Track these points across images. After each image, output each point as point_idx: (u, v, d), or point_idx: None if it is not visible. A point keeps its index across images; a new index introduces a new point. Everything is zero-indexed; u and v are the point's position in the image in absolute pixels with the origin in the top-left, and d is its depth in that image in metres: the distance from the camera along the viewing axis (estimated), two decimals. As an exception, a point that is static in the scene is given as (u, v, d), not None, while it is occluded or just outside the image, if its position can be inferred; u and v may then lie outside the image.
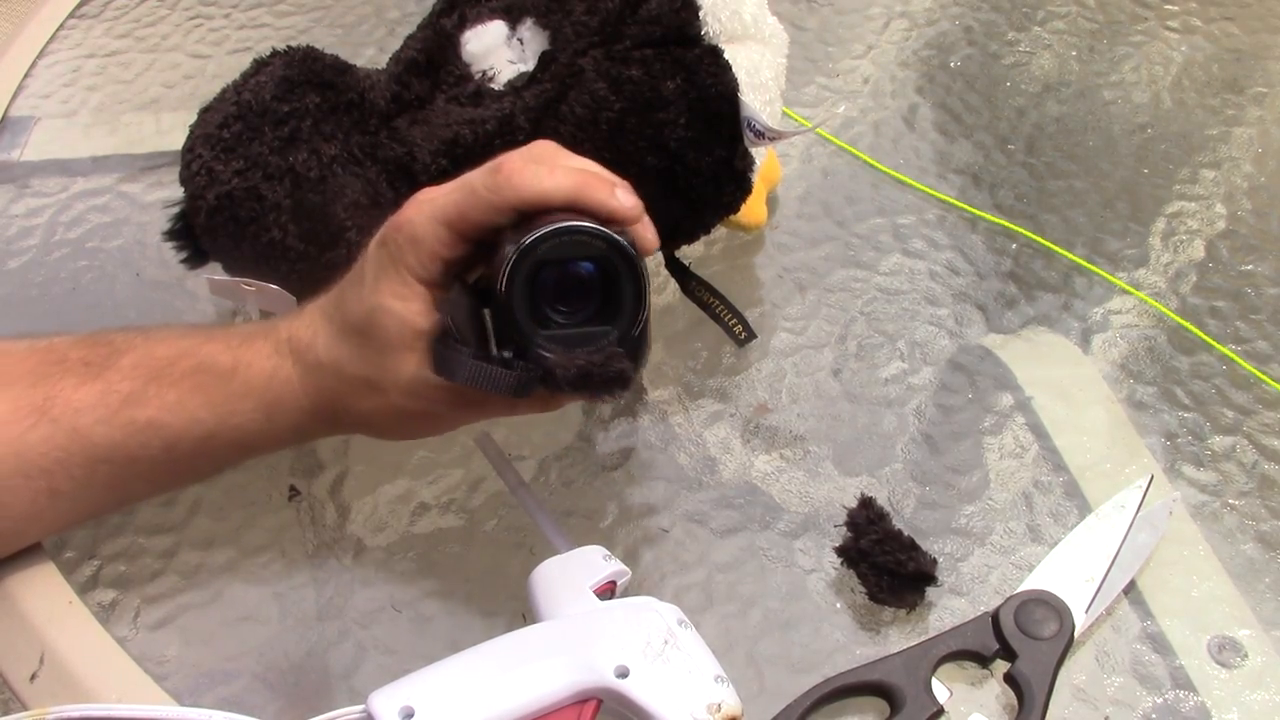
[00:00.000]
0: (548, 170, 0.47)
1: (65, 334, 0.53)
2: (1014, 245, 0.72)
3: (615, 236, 0.46)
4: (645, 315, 0.47)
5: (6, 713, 0.51)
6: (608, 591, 0.51)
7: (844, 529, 0.57)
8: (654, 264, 0.68)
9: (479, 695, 0.45)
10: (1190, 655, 0.54)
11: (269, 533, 0.59)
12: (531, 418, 0.55)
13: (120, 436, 0.50)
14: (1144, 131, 0.80)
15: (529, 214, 0.48)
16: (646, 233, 0.49)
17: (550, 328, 0.47)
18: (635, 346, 0.48)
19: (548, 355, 0.46)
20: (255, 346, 0.52)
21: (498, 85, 0.61)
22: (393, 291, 0.49)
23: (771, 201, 0.73)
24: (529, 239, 0.45)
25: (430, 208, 0.48)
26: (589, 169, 0.49)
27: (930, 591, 0.55)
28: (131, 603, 0.56)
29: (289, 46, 0.64)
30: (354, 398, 0.51)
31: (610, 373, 0.46)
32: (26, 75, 0.85)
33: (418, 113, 0.61)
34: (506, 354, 0.47)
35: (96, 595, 0.56)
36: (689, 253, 0.68)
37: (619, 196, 0.48)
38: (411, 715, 0.44)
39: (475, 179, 0.48)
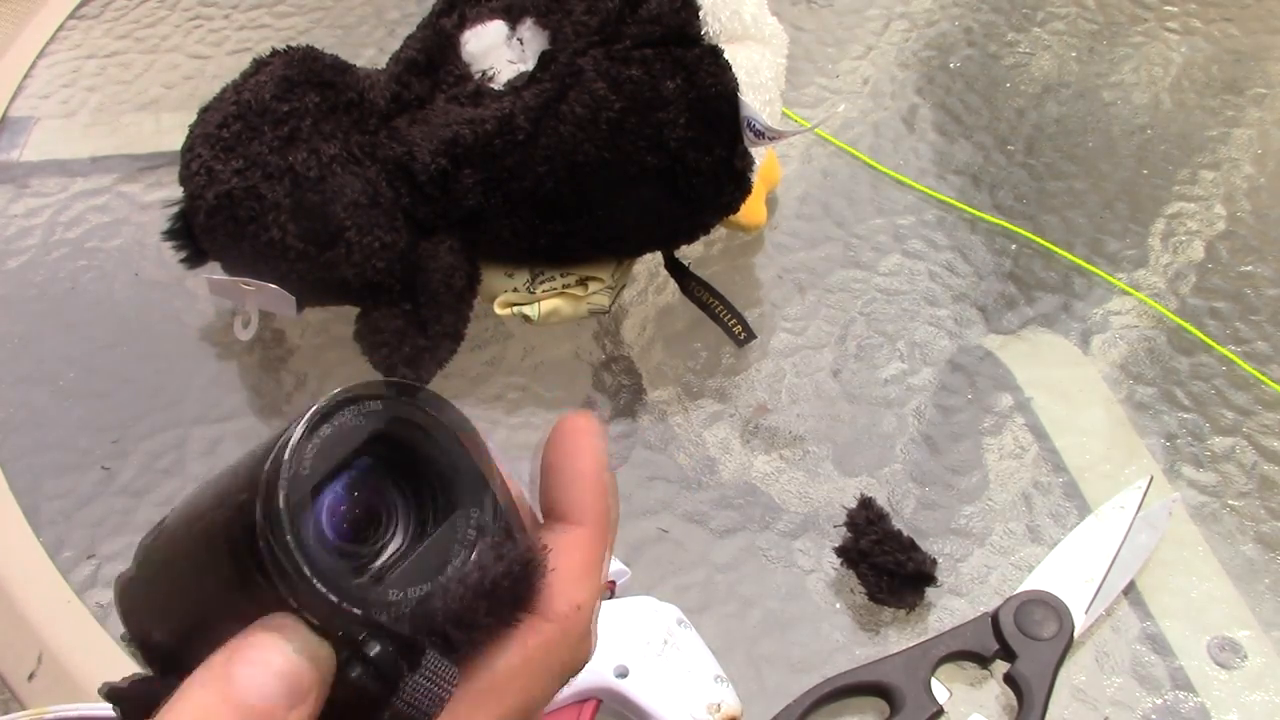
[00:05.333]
0: None
1: None
2: (1014, 246, 0.72)
3: (397, 384, 0.30)
4: (495, 495, 0.31)
5: (5, 713, 0.51)
6: (607, 591, 0.51)
7: (844, 529, 0.57)
8: (654, 264, 0.68)
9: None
10: (1190, 656, 0.54)
11: (268, 532, 0.59)
12: (532, 411, 0.54)
13: None
14: (1144, 132, 0.80)
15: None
16: None
17: (364, 576, 0.29)
18: (506, 527, 0.31)
19: (398, 614, 0.28)
20: None
21: (497, 85, 0.61)
22: None
23: (771, 202, 0.73)
24: (286, 440, 0.28)
25: None
26: None
27: (930, 592, 0.55)
28: (130, 602, 0.56)
29: (289, 46, 0.64)
30: None
31: (514, 574, 0.29)
32: (26, 75, 0.85)
33: (417, 112, 0.61)
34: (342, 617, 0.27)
35: (95, 594, 0.56)
36: (689, 253, 0.68)
37: None
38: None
39: None
